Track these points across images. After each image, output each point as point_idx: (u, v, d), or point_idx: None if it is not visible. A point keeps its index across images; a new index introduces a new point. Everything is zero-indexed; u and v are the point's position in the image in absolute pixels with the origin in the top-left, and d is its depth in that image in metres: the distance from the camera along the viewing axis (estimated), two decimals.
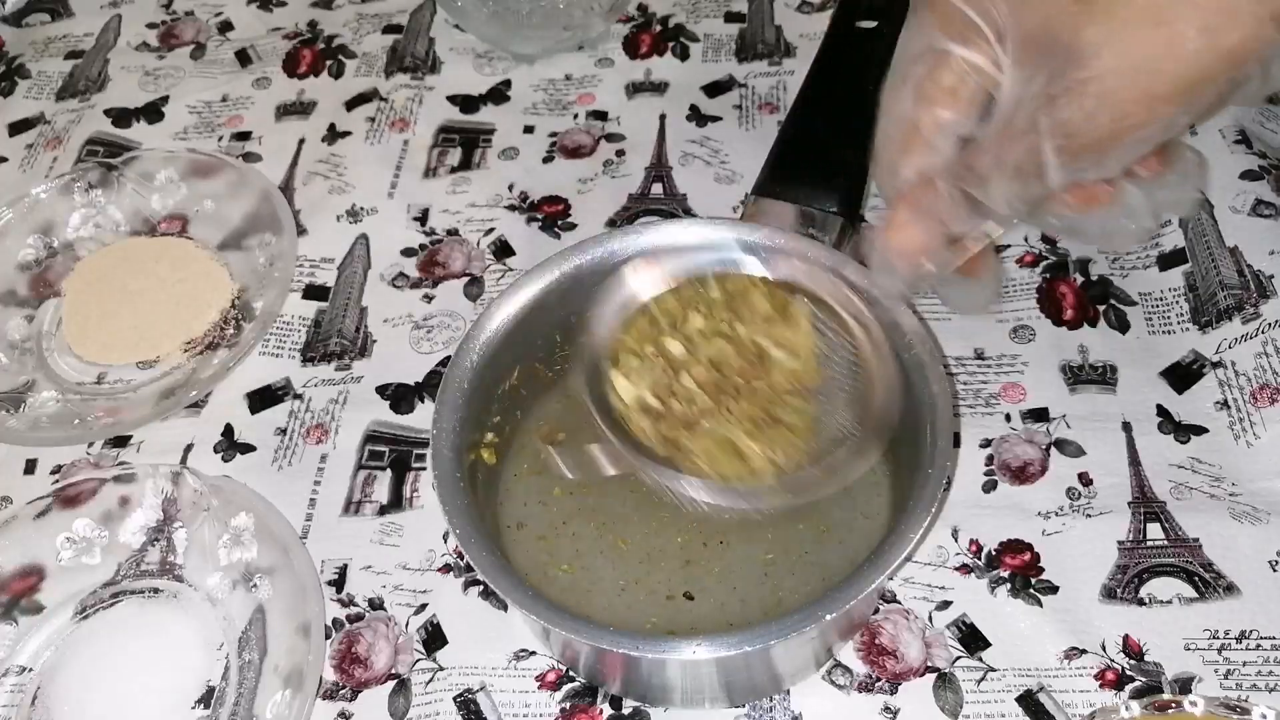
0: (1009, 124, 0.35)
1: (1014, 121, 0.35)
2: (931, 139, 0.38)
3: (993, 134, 0.36)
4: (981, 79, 0.36)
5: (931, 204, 0.39)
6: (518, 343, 0.50)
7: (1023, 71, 0.35)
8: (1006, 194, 0.36)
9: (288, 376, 0.60)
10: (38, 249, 0.67)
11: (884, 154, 0.40)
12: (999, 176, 0.36)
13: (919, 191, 0.39)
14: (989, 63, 0.36)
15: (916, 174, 0.39)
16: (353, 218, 0.67)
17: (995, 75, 0.36)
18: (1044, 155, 0.34)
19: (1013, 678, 0.46)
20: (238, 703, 0.48)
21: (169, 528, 0.53)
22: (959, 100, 0.37)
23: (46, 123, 0.76)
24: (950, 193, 0.38)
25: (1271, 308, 0.55)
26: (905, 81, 0.38)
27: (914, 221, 0.39)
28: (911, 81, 0.38)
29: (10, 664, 0.50)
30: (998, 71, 0.36)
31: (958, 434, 0.53)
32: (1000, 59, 0.35)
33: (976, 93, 0.37)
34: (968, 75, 0.37)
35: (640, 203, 0.66)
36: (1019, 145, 0.35)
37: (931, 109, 0.37)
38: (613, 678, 0.47)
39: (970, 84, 0.37)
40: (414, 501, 0.54)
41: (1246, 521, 0.49)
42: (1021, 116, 0.35)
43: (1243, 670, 0.45)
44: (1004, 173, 0.36)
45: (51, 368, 0.62)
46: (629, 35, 0.76)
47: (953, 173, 0.38)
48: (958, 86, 0.37)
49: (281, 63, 0.78)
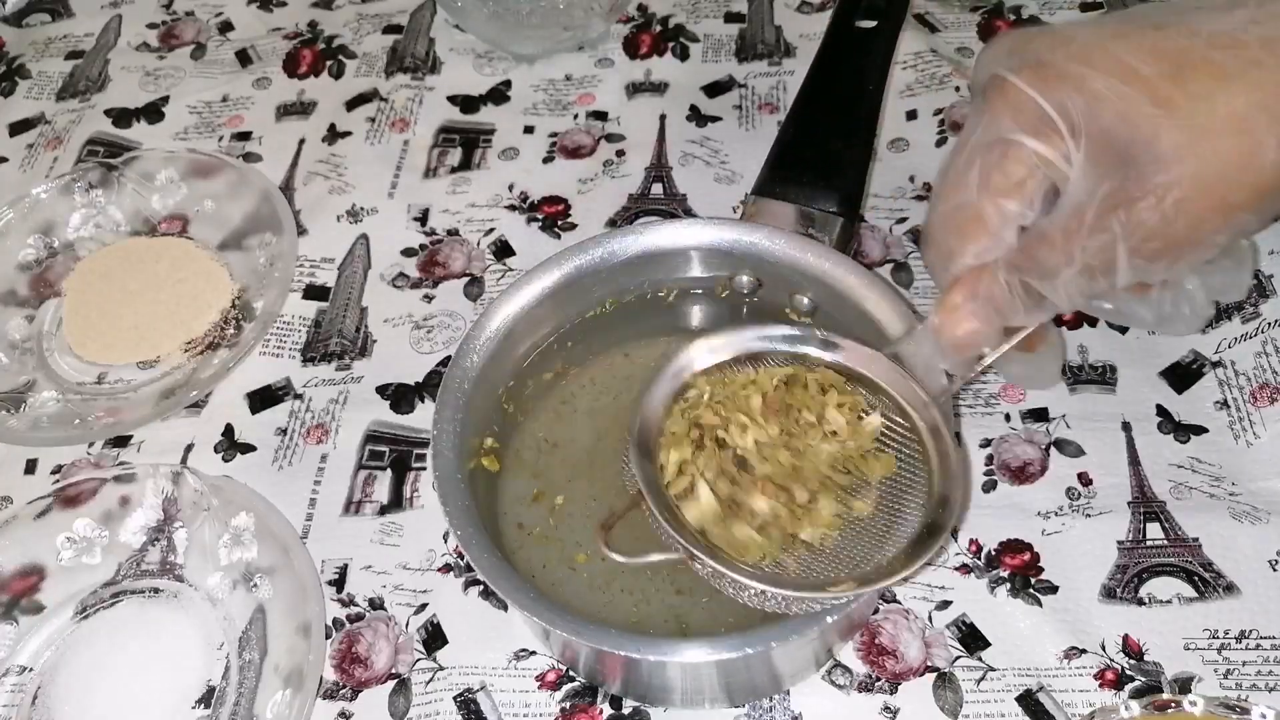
0: (1079, 221, 0.35)
1: (1085, 219, 0.35)
2: (996, 229, 0.38)
3: (1060, 230, 0.36)
4: (1049, 172, 0.36)
5: (989, 294, 0.38)
6: (518, 343, 0.50)
7: (1095, 168, 0.34)
8: (1073, 290, 0.36)
9: (288, 376, 0.60)
10: (38, 249, 0.67)
11: (941, 238, 0.39)
12: (1067, 273, 0.36)
13: (976, 280, 0.39)
14: (1060, 157, 0.35)
15: (975, 261, 0.38)
16: (353, 218, 0.67)
17: (1065, 170, 0.36)
18: (1117, 256, 0.34)
19: (1012, 677, 0.46)
20: (238, 702, 0.48)
21: (169, 527, 0.53)
22: (1025, 192, 0.37)
23: (47, 123, 0.76)
24: (1011, 284, 0.38)
25: (1271, 307, 0.55)
26: (970, 168, 0.37)
27: (971, 311, 0.39)
28: (978, 169, 0.37)
29: (10, 664, 0.50)
30: (1067, 166, 0.35)
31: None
32: (1072, 154, 0.35)
33: (1042, 185, 0.37)
34: (1036, 168, 0.36)
35: (640, 203, 0.66)
36: (1091, 244, 0.34)
37: (997, 199, 0.37)
38: (613, 678, 0.47)
39: (1038, 176, 0.36)
40: (414, 501, 0.54)
41: (1246, 521, 0.49)
42: (1093, 215, 0.34)
43: (1242, 670, 0.45)
44: (1072, 269, 0.35)
45: (52, 368, 0.62)
46: (629, 35, 0.76)
47: (1015, 265, 0.37)
48: (1025, 179, 0.37)
49: (282, 63, 0.78)
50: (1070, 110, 0.34)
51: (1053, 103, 0.35)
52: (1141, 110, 0.33)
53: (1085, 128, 0.34)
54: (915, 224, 0.62)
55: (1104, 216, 0.34)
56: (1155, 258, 0.34)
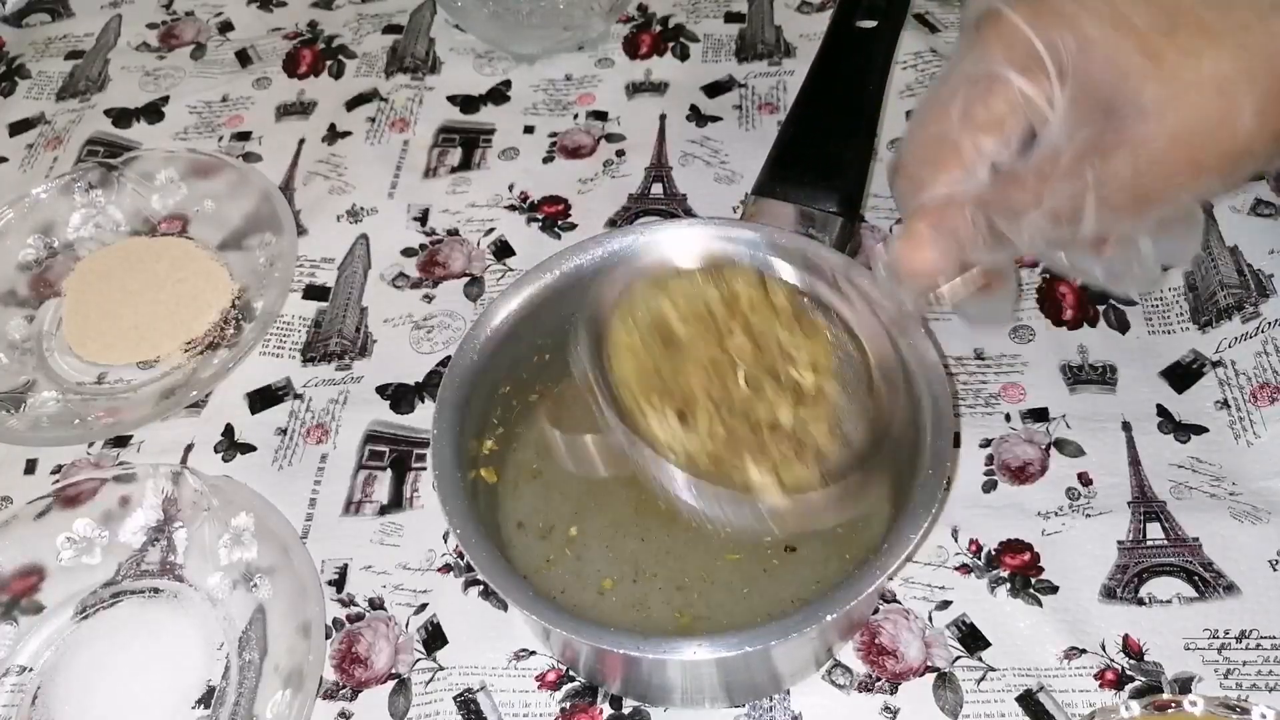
0: (1053, 164, 0.35)
1: (1059, 164, 0.35)
2: (970, 163, 0.37)
3: (1033, 171, 0.36)
4: (1030, 112, 0.36)
5: (954, 227, 0.38)
6: (518, 343, 0.50)
7: (1075, 113, 0.35)
8: (1036, 233, 0.36)
9: (288, 376, 0.60)
10: (38, 249, 0.67)
11: (913, 167, 0.39)
12: (1033, 215, 0.36)
13: (942, 212, 0.38)
14: (1043, 97, 0.35)
15: (945, 194, 0.38)
16: (353, 218, 0.67)
17: (1045, 111, 0.36)
18: (1085, 204, 0.34)
19: (1012, 677, 0.46)
20: (238, 703, 0.48)
21: (169, 528, 0.53)
22: (1004, 130, 0.37)
23: (47, 123, 0.76)
24: (976, 221, 0.37)
25: (1271, 307, 0.55)
26: (953, 100, 0.37)
27: (932, 242, 0.39)
28: (960, 102, 0.37)
29: (10, 664, 0.50)
30: (1048, 108, 0.35)
31: (958, 434, 0.53)
32: (1055, 96, 0.35)
33: (1020, 124, 0.37)
34: (1019, 107, 0.36)
35: (640, 203, 0.66)
36: (1061, 189, 0.34)
37: (976, 134, 0.37)
38: (613, 677, 0.47)
39: (1019, 115, 0.36)
40: (414, 501, 0.54)
41: (1246, 521, 0.49)
42: (1067, 161, 0.34)
43: (1243, 670, 0.45)
44: (1040, 213, 0.35)
45: (52, 368, 0.62)
46: (629, 35, 0.76)
47: (983, 201, 0.37)
48: (1006, 116, 0.36)
49: (282, 63, 0.78)
50: (1060, 50, 0.34)
51: (1045, 41, 0.35)
52: (1130, 60, 0.33)
53: (1072, 70, 0.34)
54: None
55: (1078, 162, 0.34)
56: (1122, 209, 0.34)
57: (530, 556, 0.48)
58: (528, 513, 0.49)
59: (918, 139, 0.39)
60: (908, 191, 0.40)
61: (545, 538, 0.48)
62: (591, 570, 0.47)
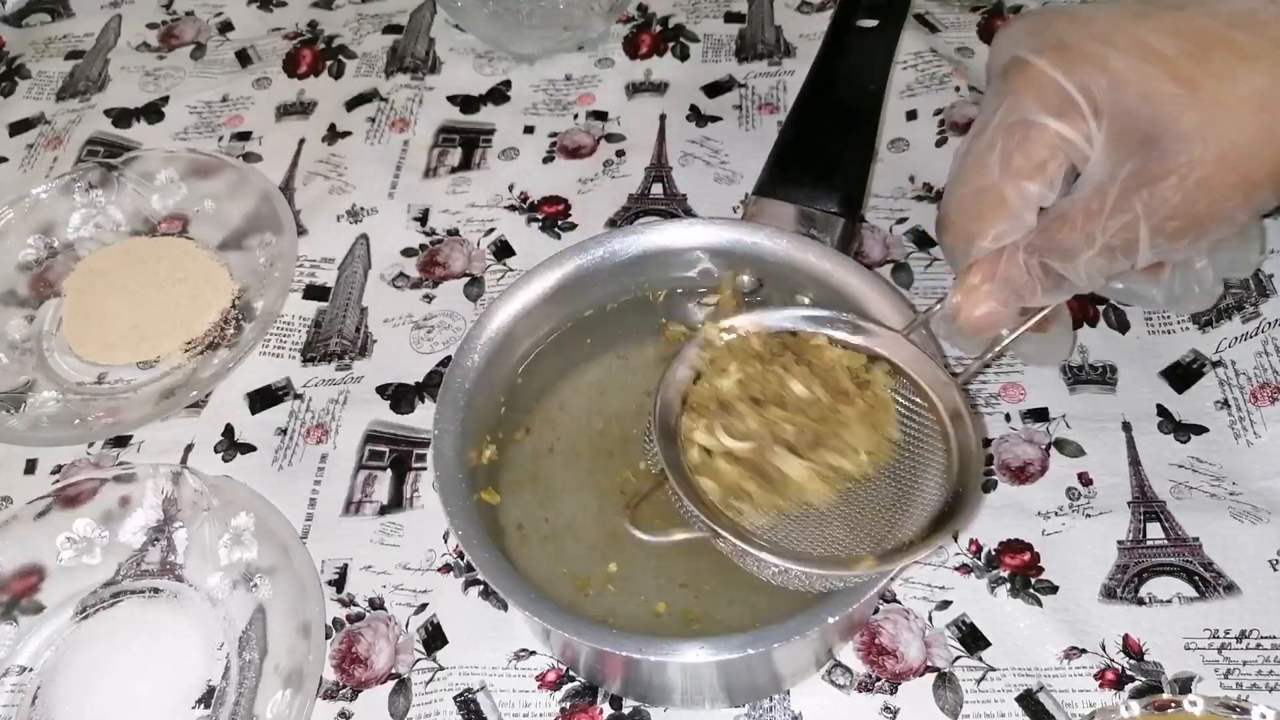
0: (1101, 201, 0.35)
1: (1107, 199, 0.35)
2: (1017, 211, 0.37)
3: (1081, 210, 0.36)
4: (1070, 153, 0.36)
5: (1008, 275, 0.38)
6: (518, 343, 0.50)
7: (1116, 148, 0.35)
8: (1093, 270, 0.36)
9: (288, 376, 0.60)
10: (38, 249, 0.67)
11: (960, 222, 0.39)
12: (1088, 253, 0.36)
13: (995, 261, 0.39)
14: (1081, 137, 0.35)
15: (995, 244, 0.38)
16: (353, 218, 0.67)
17: (1085, 150, 0.36)
18: (1139, 236, 0.34)
19: (1013, 677, 0.46)
20: (238, 703, 0.48)
21: (169, 528, 0.53)
22: (1046, 174, 0.37)
23: (47, 123, 0.76)
24: (1030, 267, 0.38)
25: (1272, 307, 0.55)
26: (991, 151, 0.37)
27: (989, 292, 0.39)
28: (999, 152, 0.37)
29: (10, 664, 0.50)
30: (1088, 146, 0.35)
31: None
32: (1093, 134, 0.35)
33: (1063, 166, 0.37)
34: (1058, 149, 0.36)
35: (640, 203, 0.66)
36: (1113, 224, 0.35)
37: (1019, 181, 0.37)
38: (613, 678, 0.47)
39: (1059, 158, 0.36)
40: (414, 501, 0.54)
41: (1247, 521, 0.49)
42: (1115, 195, 0.34)
43: (1243, 670, 0.45)
44: (1093, 250, 0.35)
45: (52, 368, 0.62)
46: (629, 35, 0.76)
47: (1034, 246, 0.37)
48: (1047, 161, 0.36)
49: (282, 63, 0.78)
50: (1093, 90, 0.34)
51: (1075, 83, 0.35)
52: (1164, 90, 0.33)
53: (1108, 108, 0.34)
54: (916, 224, 0.62)
55: (1126, 196, 0.34)
56: (1177, 236, 0.34)
57: (530, 556, 0.48)
58: (528, 514, 0.49)
59: (960, 194, 0.39)
60: (958, 247, 0.40)
61: (549, 538, 0.48)
62: (593, 569, 0.47)
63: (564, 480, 0.49)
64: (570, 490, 0.49)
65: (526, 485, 0.49)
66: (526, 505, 0.49)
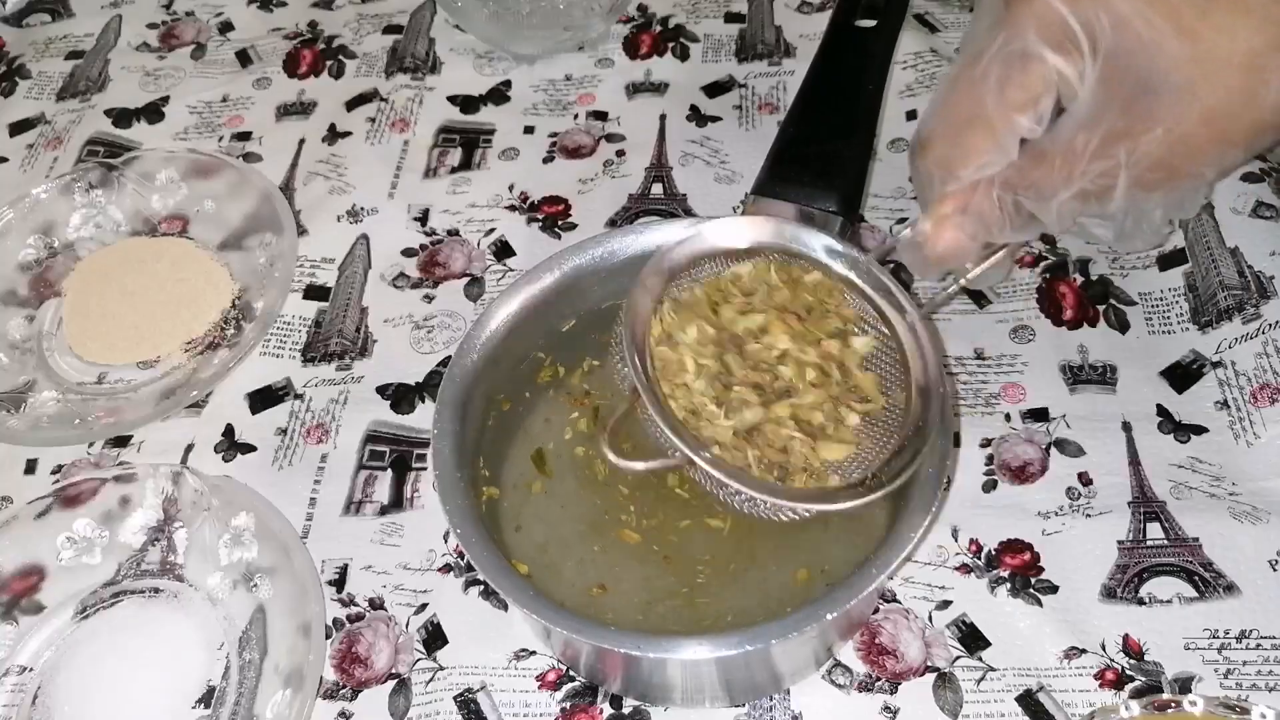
0: (1083, 144, 0.35)
1: (1090, 143, 0.34)
2: (1005, 144, 0.37)
3: (1061, 151, 0.35)
4: (1061, 88, 0.36)
5: (980, 208, 0.38)
6: (518, 343, 0.50)
7: (1105, 91, 0.34)
8: (1065, 212, 0.36)
9: (288, 376, 0.60)
10: (38, 249, 0.67)
11: (944, 148, 0.38)
12: (1063, 194, 0.35)
13: (969, 193, 0.38)
14: (1075, 75, 0.35)
15: (976, 175, 0.38)
16: (353, 218, 0.67)
17: (1075, 88, 0.35)
18: (1117, 183, 0.34)
19: (1012, 677, 0.46)
20: (238, 702, 0.48)
21: (169, 527, 0.53)
22: (1039, 108, 0.36)
23: (47, 123, 0.76)
24: (1003, 201, 0.37)
25: (1272, 308, 0.55)
26: (984, 79, 0.36)
27: (959, 224, 0.38)
28: (994, 80, 0.36)
29: (11, 664, 0.50)
30: (1079, 84, 0.35)
31: (958, 434, 0.53)
32: (1087, 72, 0.35)
33: (1052, 102, 0.36)
34: (1053, 84, 0.36)
35: (640, 203, 0.66)
36: (1092, 169, 0.34)
37: (1010, 113, 0.36)
38: (613, 677, 0.47)
39: (1052, 93, 0.36)
40: (414, 501, 0.54)
41: (1246, 521, 0.49)
42: (1098, 140, 0.34)
43: (1243, 670, 0.45)
44: (1069, 192, 0.35)
45: (52, 368, 0.62)
46: (629, 35, 0.76)
47: (1010, 183, 0.37)
48: (1042, 93, 0.36)
49: (282, 63, 0.78)
50: (1095, 28, 0.34)
51: (1079, 19, 0.34)
52: (1165, 38, 0.33)
53: (1105, 47, 0.34)
54: None
55: (1110, 143, 0.34)
56: (1153, 187, 0.34)
57: (531, 556, 0.48)
58: (528, 514, 0.49)
59: (947, 119, 0.38)
60: (936, 172, 0.39)
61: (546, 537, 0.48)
62: (593, 570, 0.47)
63: (563, 481, 0.49)
64: (571, 490, 0.49)
65: (527, 483, 0.49)
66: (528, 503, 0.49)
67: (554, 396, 0.52)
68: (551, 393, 0.52)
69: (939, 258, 0.40)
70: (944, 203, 0.39)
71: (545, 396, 0.52)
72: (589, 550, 0.47)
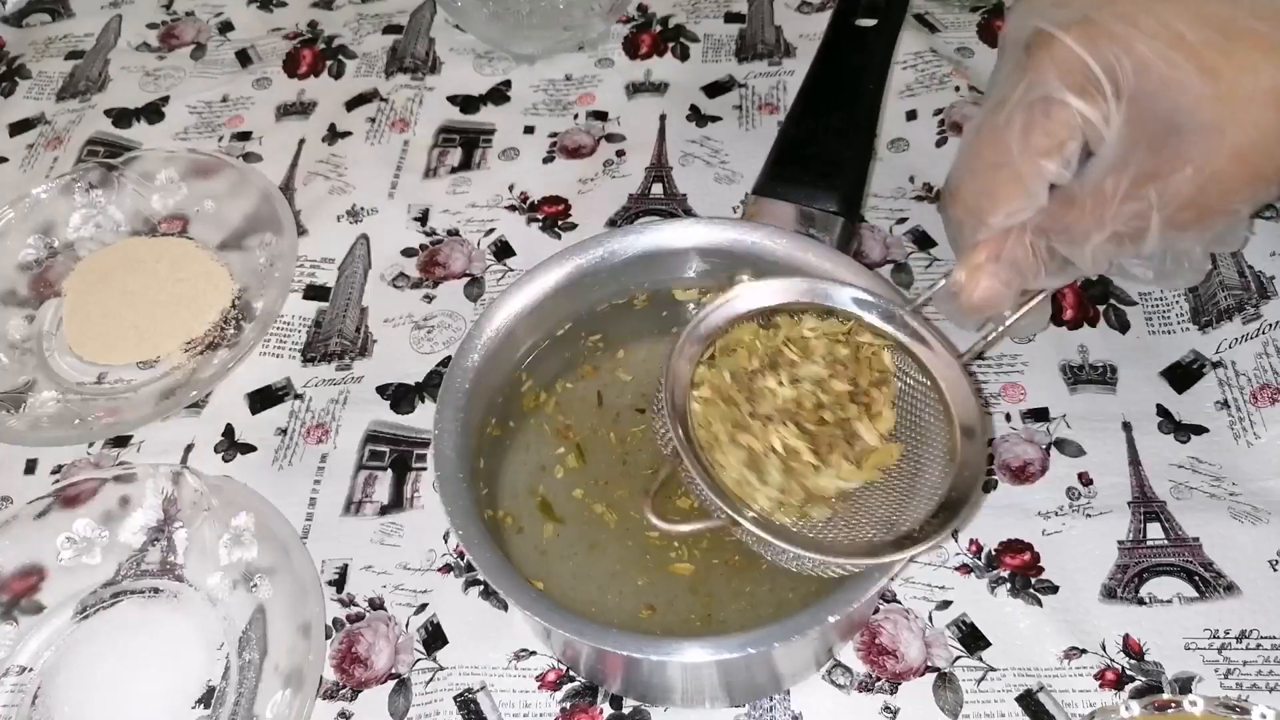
0: (1113, 187, 0.35)
1: (1120, 186, 0.34)
2: (1033, 190, 0.37)
3: (1091, 195, 0.35)
4: (1087, 132, 0.36)
5: (1013, 255, 0.38)
6: (518, 343, 0.50)
7: (1132, 133, 0.34)
8: (1099, 255, 0.36)
9: (288, 376, 0.60)
10: (38, 249, 0.67)
11: (972, 196, 0.38)
12: (1097, 238, 0.35)
13: (1001, 240, 0.38)
14: (1100, 118, 0.35)
15: (1006, 222, 0.38)
16: (353, 218, 0.67)
17: (1102, 131, 0.35)
18: (1150, 224, 0.34)
19: (1013, 677, 0.46)
20: (238, 702, 0.48)
21: (169, 527, 0.53)
22: (1065, 154, 0.36)
23: (47, 123, 0.76)
24: (1036, 247, 0.37)
25: (1272, 308, 0.55)
26: (1009, 127, 0.37)
27: (993, 272, 0.38)
28: (1019, 127, 0.37)
29: (10, 664, 0.50)
30: (1104, 128, 0.35)
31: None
32: (1111, 116, 0.35)
33: (1079, 147, 0.36)
34: (1077, 129, 0.36)
35: (640, 203, 0.66)
36: (1124, 212, 0.34)
37: (1037, 160, 0.36)
38: (613, 677, 0.47)
39: (1078, 138, 0.36)
40: (415, 501, 0.54)
41: (1246, 521, 0.49)
42: (1128, 182, 0.34)
43: (1243, 670, 0.45)
44: (1102, 235, 0.35)
45: (52, 368, 0.62)
46: (629, 35, 0.76)
47: (1042, 228, 0.37)
48: (1067, 140, 0.36)
49: (282, 63, 0.78)
50: (1117, 71, 0.34)
51: (1101, 62, 0.34)
52: (1188, 78, 0.33)
53: (1129, 90, 0.34)
54: (916, 224, 0.62)
55: (1140, 184, 0.34)
56: (1186, 227, 0.34)
57: (531, 556, 0.48)
58: (528, 514, 0.49)
59: (973, 168, 0.38)
60: (967, 222, 0.39)
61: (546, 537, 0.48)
62: (593, 569, 0.47)
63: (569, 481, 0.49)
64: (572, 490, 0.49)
65: (528, 483, 0.49)
66: (528, 504, 0.49)
67: (536, 425, 0.51)
68: (533, 421, 0.51)
69: (975, 306, 0.40)
70: (977, 251, 0.39)
71: (528, 425, 0.51)
72: (593, 548, 0.47)
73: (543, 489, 0.49)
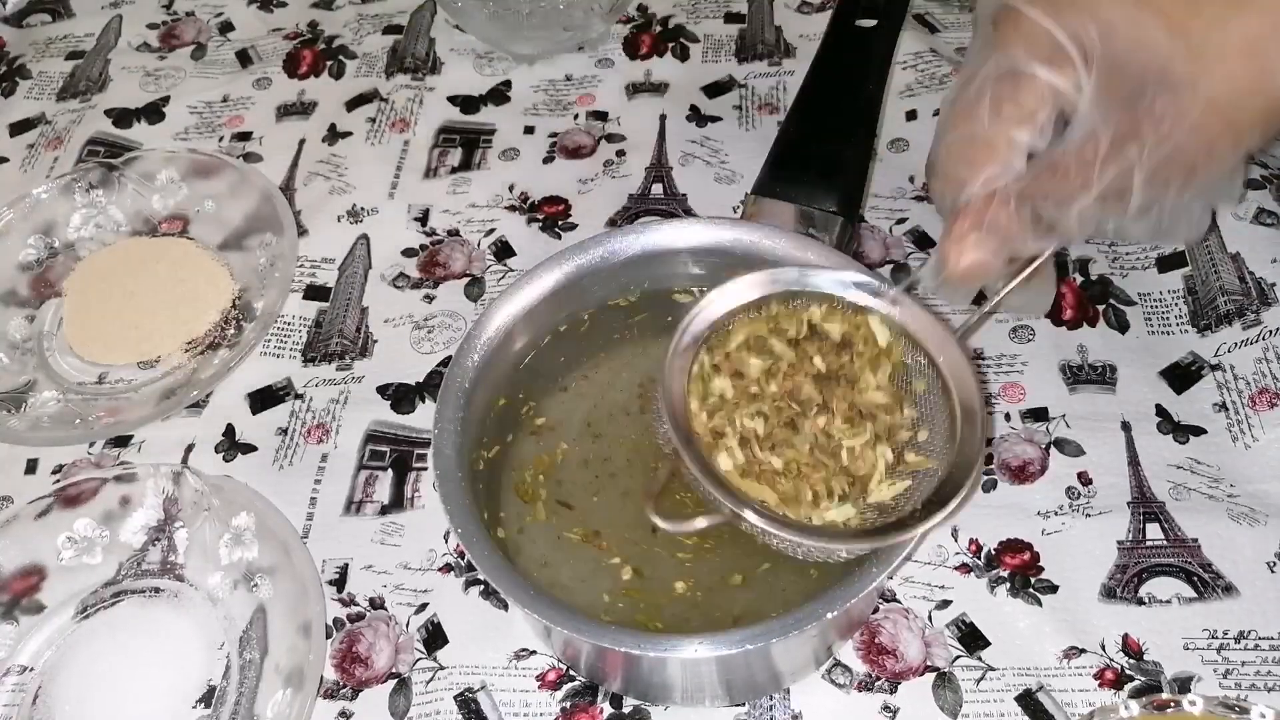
0: (1094, 149, 0.35)
1: (1100, 148, 0.35)
2: (1007, 157, 0.37)
3: (1073, 158, 0.36)
4: (1060, 100, 0.36)
5: (996, 222, 0.38)
6: (518, 343, 0.50)
7: (1106, 97, 0.35)
8: (1085, 217, 0.36)
9: (289, 376, 0.60)
10: (39, 249, 0.67)
11: (950, 168, 0.39)
12: (1082, 200, 0.36)
13: (983, 208, 0.38)
14: (1072, 86, 0.36)
15: (984, 189, 0.38)
16: (353, 218, 0.67)
17: (1075, 98, 0.36)
18: (1132, 182, 0.34)
19: (1012, 677, 0.46)
20: (238, 702, 0.48)
21: (170, 527, 0.53)
22: (1036, 121, 0.37)
23: (47, 123, 0.76)
24: (1021, 213, 0.37)
25: (1273, 315, 0.55)
26: (981, 99, 0.37)
27: (979, 241, 0.38)
28: (989, 100, 0.37)
29: (11, 663, 0.50)
30: (1078, 94, 0.35)
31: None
32: (1083, 82, 0.35)
33: (1053, 113, 0.37)
34: (1048, 98, 0.36)
35: (640, 203, 0.66)
36: (1107, 172, 0.35)
37: (1008, 129, 0.37)
38: (613, 676, 0.47)
39: (1049, 105, 0.36)
40: (415, 501, 0.54)
41: (1245, 522, 0.49)
42: (1107, 143, 0.34)
43: (1241, 670, 0.45)
44: (1088, 197, 0.35)
45: (52, 368, 0.62)
46: (629, 36, 0.76)
47: (1026, 193, 0.37)
48: (1037, 109, 0.36)
49: (282, 63, 0.78)
50: (1083, 39, 0.34)
51: (1066, 32, 0.35)
52: (1156, 38, 0.33)
53: (1098, 56, 0.34)
54: (916, 224, 0.62)
55: (1120, 144, 0.34)
56: (1169, 182, 0.34)
57: (531, 555, 0.48)
58: (528, 514, 0.49)
59: (949, 141, 0.39)
60: (947, 192, 0.39)
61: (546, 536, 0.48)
62: (593, 569, 0.47)
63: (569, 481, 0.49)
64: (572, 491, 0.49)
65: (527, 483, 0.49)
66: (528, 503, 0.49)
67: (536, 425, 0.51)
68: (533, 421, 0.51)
69: (962, 276, 0.40)
70: (960, 221, 0.39)
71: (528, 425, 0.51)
72: (593, 547, 0.47)
73: (543, 489, 0.49)
